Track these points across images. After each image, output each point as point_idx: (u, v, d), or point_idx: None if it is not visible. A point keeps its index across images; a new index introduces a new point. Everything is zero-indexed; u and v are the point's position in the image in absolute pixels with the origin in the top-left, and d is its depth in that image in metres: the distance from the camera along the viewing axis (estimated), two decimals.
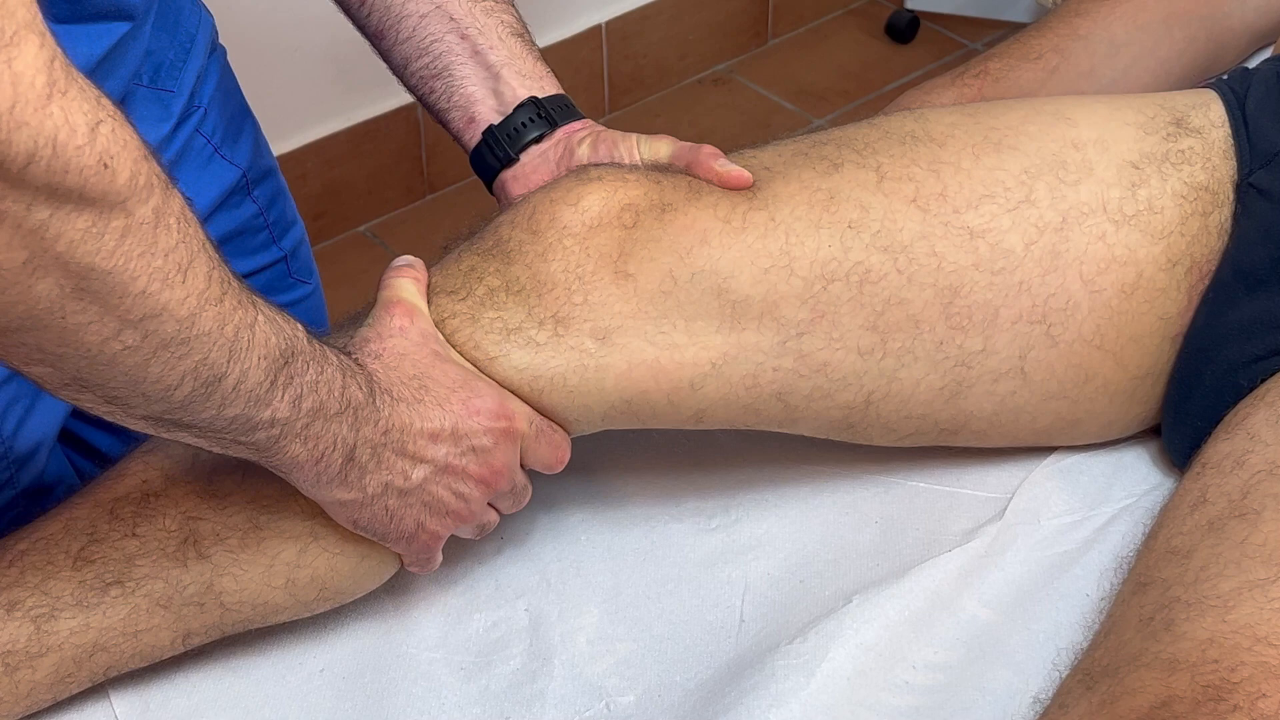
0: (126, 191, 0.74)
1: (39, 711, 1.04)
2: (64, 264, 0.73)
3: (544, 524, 1.17)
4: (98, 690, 1.06)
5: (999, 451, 1.17)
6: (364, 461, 0.96)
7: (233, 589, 1.02)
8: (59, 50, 0.70)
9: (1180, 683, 0.86)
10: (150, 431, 0.87)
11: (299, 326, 0.91)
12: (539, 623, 1.10)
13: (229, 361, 0.84)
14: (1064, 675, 0.98)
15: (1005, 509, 1.14)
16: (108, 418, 0.85)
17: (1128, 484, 1.16)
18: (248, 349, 0.85)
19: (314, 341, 0.92)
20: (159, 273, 0.77)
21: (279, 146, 2.28)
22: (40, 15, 0.70)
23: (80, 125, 0.71)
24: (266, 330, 0.86)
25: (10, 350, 0.78)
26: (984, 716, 1.01)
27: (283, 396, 0.88)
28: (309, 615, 1.07)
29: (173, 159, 1.18)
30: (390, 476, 0.98)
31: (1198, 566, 0.95)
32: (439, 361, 1.02)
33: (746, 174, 1.08)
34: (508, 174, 1.17)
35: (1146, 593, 0.97)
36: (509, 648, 1.09)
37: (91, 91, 0.72)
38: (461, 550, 1.13)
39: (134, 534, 1.01)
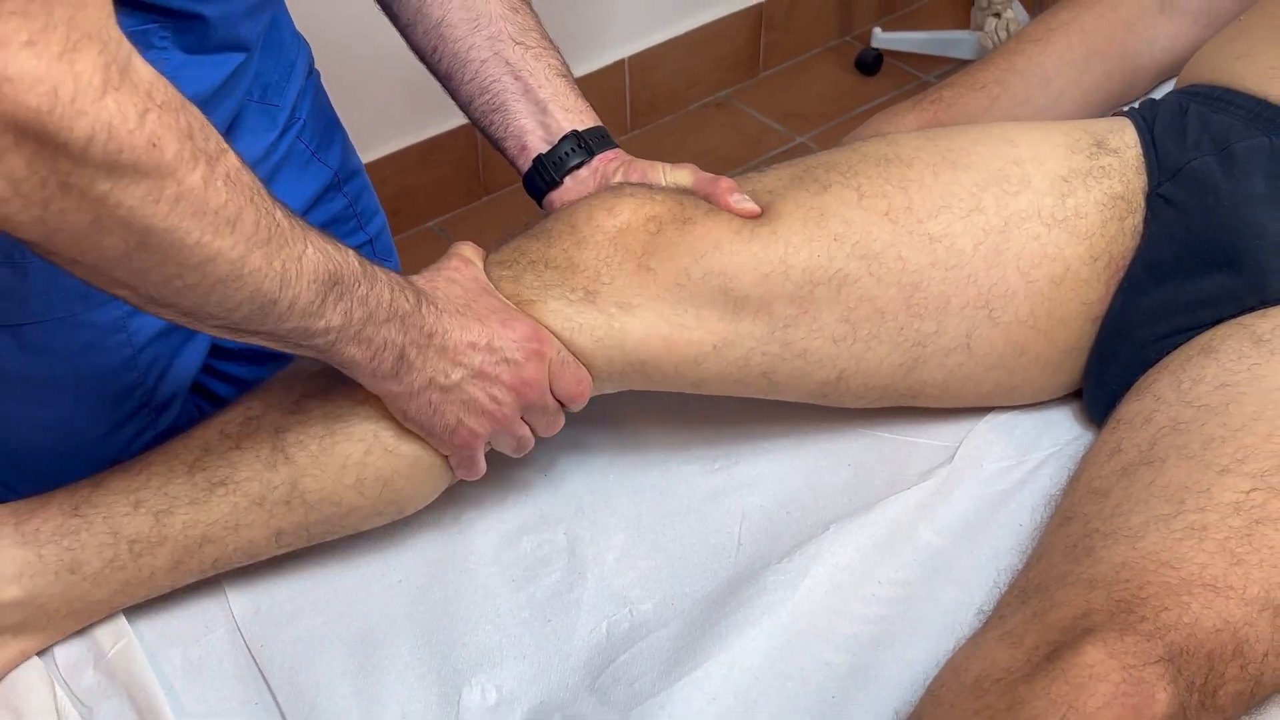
0: (174, 164, 0.74)
1: (168, 603, 1.05)
2: (126, 224, 0.74)
3: (578, 464, 1.16)
4: (216, 593, 1.07)
5: (949, 409, 1.17)
6: (412, 359, 0.95)
7: (314, 488, 1.01)
8: (120, 57, 0.71)
9: (1098, 598, 0.86)
10: (224, 336, 0.87)
11: (349, 253, 0.90)
12: (575, 544, 1.10)
13: (280, 289, 0.83)
14: (1003, 591, 0.98)
15: (954, 455, 1.13)
16: (187, 326, 0.85)
17: (1055, 435, 1.15)
18: (297, 277, 0.84)
19: (366, 264, 0.91)
20: (210, 226, 0.77)
21: (362, 157, 2.28)
22: (110, 28, 0.70)
23: (131, 114, 0.71)
24: (315, 259, 0.86)
25: (95, 280, 0.78)
26: (937, 624, 1.01)
27: (334, 310, 0.88)
28: (380, 521, 1.06)
29: (278, 161, 1.18)
30: (433, 374, 0.97)
31: (1113, 504, 0.95)
32: (484, 294, 1.02)
33: (756, 208, 1.08)
34: (554, 194, 1.16)
35: (1070, 525, 0.97)
36: (551, 564, 1.09)
37: (144, 87, 0.72)
38: (512, 484, 1.13)
39: (238, 446, 1.01)
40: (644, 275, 1.04)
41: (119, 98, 0.70)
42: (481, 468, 1.05)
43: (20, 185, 0.69)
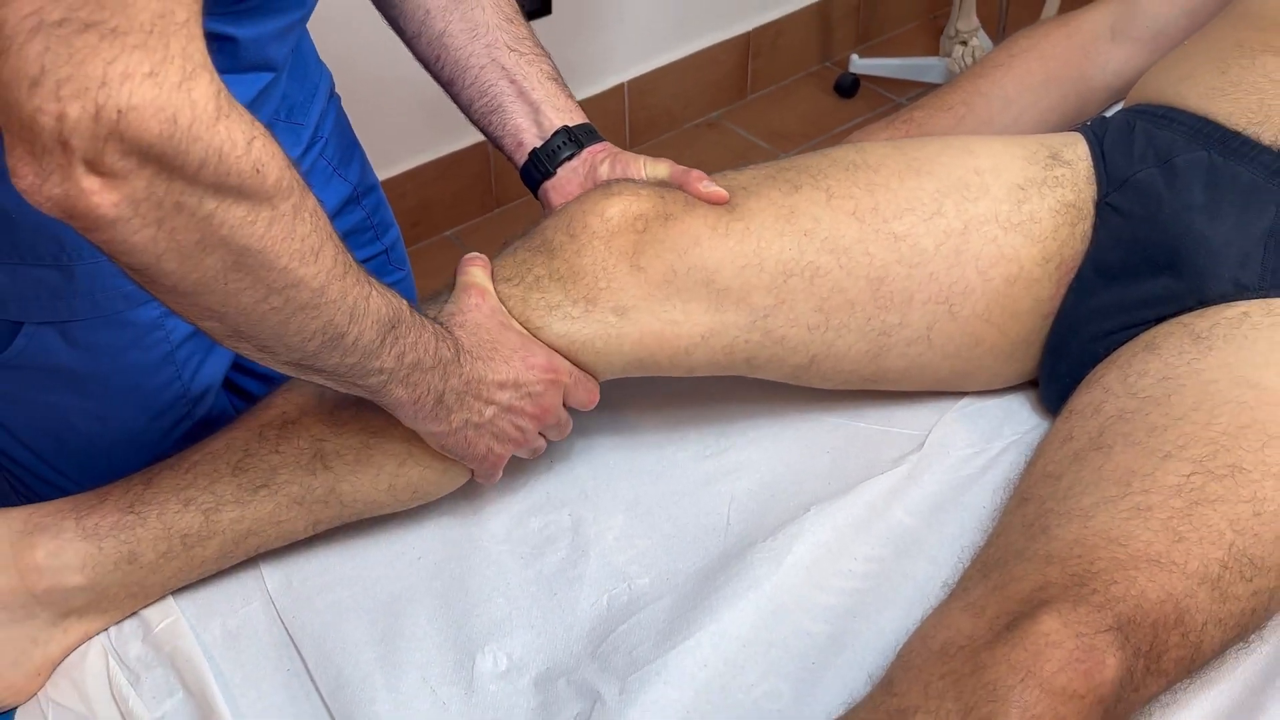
0: (273, 190, 0.75)
1: (209, 578, 1.06)
2: (226, 243, 0.74)
3: (583, 451, 1.17)
4: (253, 569, 1.07)
5: (920, 399, 1.17)
6: (450, 403, 0.96)
7: (349, 491, 1.03)
8: (224, 86, 0.71)
9: (1053, 572, 0.86)
10: (292, 374, 0.88)
11: (404, 302, 0.91)
12: (579, 524, 1.10)
13: (349, 323, 0.84)
14: (967, 566, 0.98)
15: (924, 443, 1.14)
16: (261, 362, 0.85)
17: (1015, 425, 1.16)
18: (364, 315, 0.85)
19: (415, 313, 0.92)
20: (297, 254, 0.78)
21: (385, 173, 2.28)
22: (210, 59, 0.70)
23: (239, 140, 0.72)
24: (379, 302, 0.87)
25: (188, 309, 0.79)
26: (907, 597, 1.01)
27: (390, 352, 0.89)
28: (404, 510, 1.08)
29: (302, 176, 1.18)
30: (469, 414, 0.98)
31: (1066, 486, 0.95)
32: (505, 330, 1.02)
33: (724, 193, 1.08)
34: (548, 184, 1.17)
35: (1027, 505, 0.97)
36: (556, 542, 1.09)
37: (248, 116, 0.73)
38: (521, 470, 1.13)
39: (277, 450, 1.02)
40: (636, 275, 1.04)
41: (229, 125, 0.71)
42: (499, 476, 1.07)
43: (139, 205, 0.70)
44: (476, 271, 1.06)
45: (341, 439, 1.02)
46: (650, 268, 1.04)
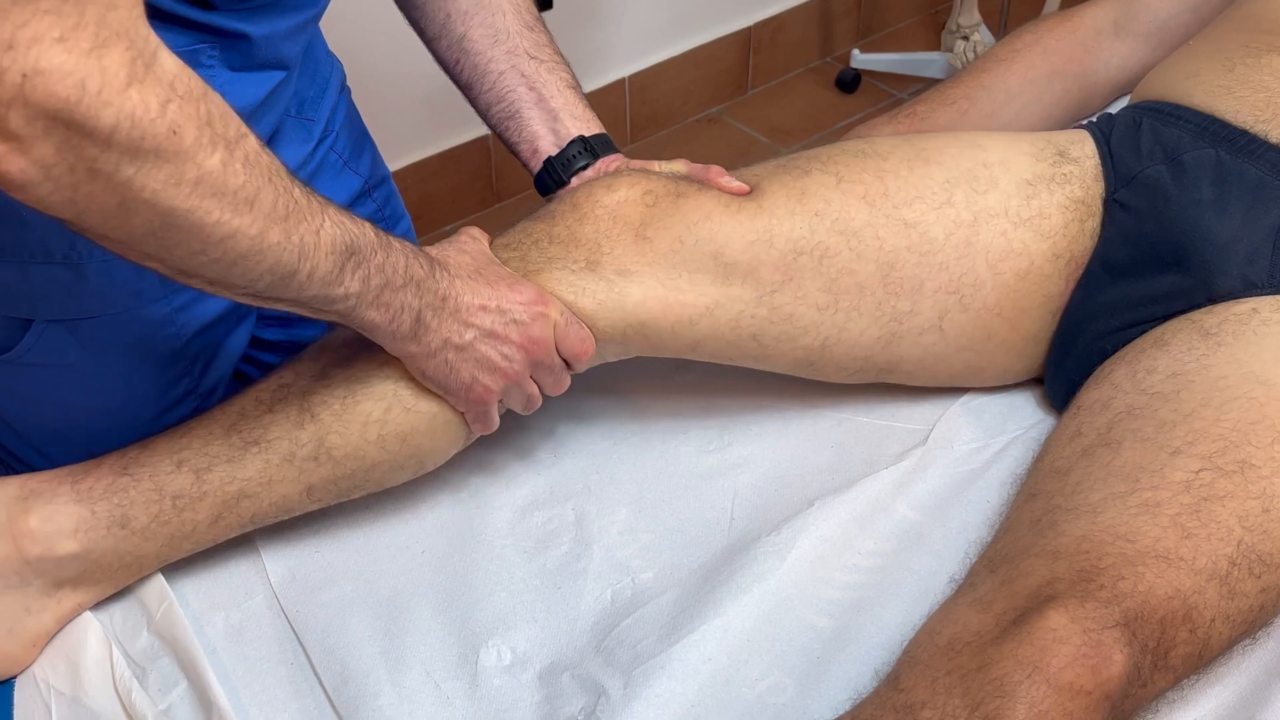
0: (193, 149, 0.74)
1: (212, 571, 1.05)
2: (151, 205, 0.74)
3: (585, 447, 1.16)
4: (255, 564, 1.06)
5: (922, 394, 1.17)
6: (428, 321, 0.95)
7: (339, 444, 1.01)
8: (146, 52, 0.71)
9: (1061, 568, 0.86)
10: (251, 303, 0.86)
11: (366, 225, 0.89)
12: (582, 519, 1.10)
13: (299, 260, 0.83)
14: (973, 561, 0.97)
15: (928, 437, 1.13)
16: (215, 294, 0.84)
17: (1019, 420, 1.15)
18: (314, 249, 0.84)
19: (381, 235, 0.91)
20: (229, 205, 0.77)
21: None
22: (139, 26, 0.70)
23: (153, 104, 0.71)
24: (333, 232, 0.85)
25: (125, 255, 0.78)
26: (912, 592, 1.01)
27: (352, 277, 0.87)
28: (404, 476, 1.05)
29: (314, 170, 1.18)
30: (448, 334, 0.96)
31: (1074, 482, 0.95)
32: (492, 263, 1.01)
33: (745, 185, 1.08)
34: (561, 193, 1.16)
35: (1035, 501, 0.97)
36: (560, 537, 1.08)
37: (166, 79, 0.72)
38: (524, 464, 1.13)
39: (270, 410, 1.01)
40: (641, 244, 1.03)
41: (142, 90, 0.70)
42: (495, 422, 1.04)
43: (51, 170, 0.70)
44: (471, 228, 1.06)
45: (328, 390, 1.01)
46: (656, 238, 1.03)
